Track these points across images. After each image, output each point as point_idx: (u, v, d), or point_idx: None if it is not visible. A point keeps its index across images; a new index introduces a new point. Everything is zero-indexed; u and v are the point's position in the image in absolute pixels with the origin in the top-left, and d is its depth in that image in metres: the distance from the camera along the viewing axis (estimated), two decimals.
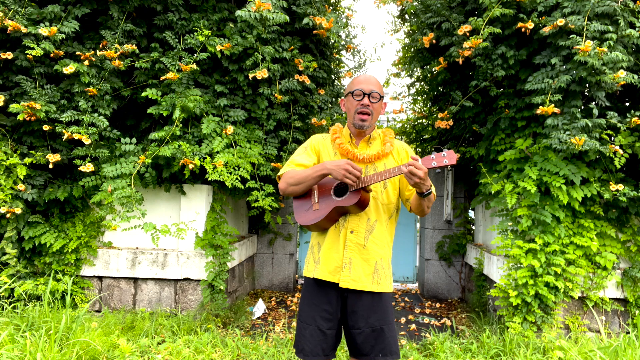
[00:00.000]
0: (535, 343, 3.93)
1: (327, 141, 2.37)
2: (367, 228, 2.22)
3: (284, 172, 2.28)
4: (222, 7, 4.63)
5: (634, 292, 4.22)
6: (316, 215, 2.19)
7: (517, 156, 4.38)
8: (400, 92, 7.20)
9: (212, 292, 4.52)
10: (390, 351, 2.20)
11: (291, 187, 2.23)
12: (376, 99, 2.23)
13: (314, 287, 2.28)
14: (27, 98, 4.10)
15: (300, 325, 2.28)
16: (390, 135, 2.35)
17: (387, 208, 2.28)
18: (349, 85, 2.32)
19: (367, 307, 2.21)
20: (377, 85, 2.26)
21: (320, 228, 2.25)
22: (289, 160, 2.35)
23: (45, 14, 4.12)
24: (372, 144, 2.32)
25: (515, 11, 4.17)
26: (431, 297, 6.33)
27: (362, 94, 2.22)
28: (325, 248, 2.24)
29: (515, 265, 4.24)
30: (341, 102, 2.39)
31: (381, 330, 2.20)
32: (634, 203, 4.14)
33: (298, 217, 2.26)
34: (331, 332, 2.24)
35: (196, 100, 4.27)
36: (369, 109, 2.22)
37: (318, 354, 2.21)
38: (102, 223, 4.68)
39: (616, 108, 4.20)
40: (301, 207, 2.27)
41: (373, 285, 2.22)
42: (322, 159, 2.32)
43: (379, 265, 2.25)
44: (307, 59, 4.70)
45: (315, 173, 2.16)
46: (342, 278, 2.19)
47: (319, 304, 2.24)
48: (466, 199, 6.31)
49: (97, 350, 3.47)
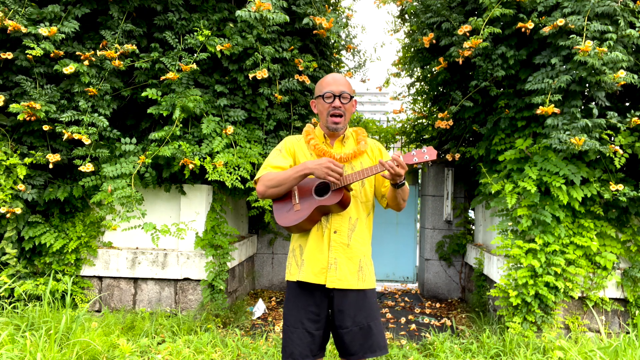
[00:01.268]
0: (535, 343, 3.93)
1: (301, 142, 2.37)
2: (349, 227, 2.24)
3: (261, 175, 2.26)
4: (222, 7, 4.63)
5: (634, 292, 4.22)
6: (298, 216, 2.17)
7: (517, 156, 4.38)
8: (400, 92, 7.20)
9: (212, 292, 4.52)
10: (379, 346, 2.21)
11: (271, 189, 2.20)
12: (347, 99, 2.24)
13: (298, 291, 2.27)
14: (27, 98, 4.10)
15: (287, 329, 2.26)
16: (363, 133, 2.38)
17: (366, 206, 2.31)
18: (318, 87, 2.31)
19: (353, 305, 2.22)
20: (347, 85, 2.26)
21: (301, 229, 2.24)
22: (264, 163, 2.33)
23: (45, 14, 4.12)
24: (346, 143, 2.34)
25: (515, 11, 4.17)
26: (431, 297, 6.33)
27: (332, 95, 2.22)
28: (309, 250, 2.24)
29: (515, 265, 4.24)
30: (312, 103, 2.37)
31: (369, 327, 2.21)
32: (634, 203, 4.14)
33: (279, 219, 2.23)
34: (318, 332, 2.24)
35: (196, 100, 4.27)
36: (341, 110, 2.23)
37: (307, 355, 2.21)
38: (102, 223, 4.68)
39: (616, 108, 4.19)
40: (281, 208, 2.24)
41: (359, 283, 2.24)
42: (298, 160, 2.32)
43: (363, 262, 2.27)
44: (307, 59, 4.70)
45: (296, 174, 2.15)
46: (328, 279, 2.19)
47: (305, 306, 2.24)
48: (466, 199, 6.31)
49: (97, 350, 3.47)
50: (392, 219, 7.09)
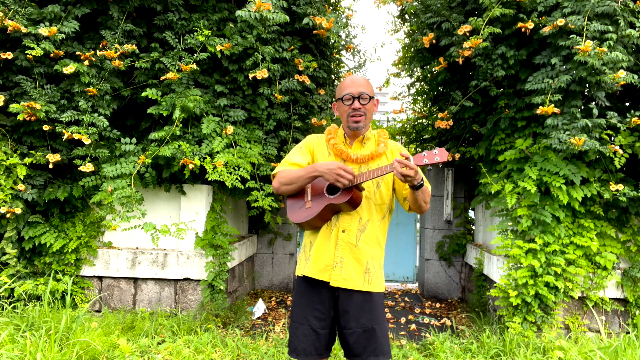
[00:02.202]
0: (535, 343, 3.93)
1: (322, 141, 2.38)
2: (358, 227, 2.23)
3: (278, 171, 2.31)
4: (222, 7, 4.63)
5: (634, 292, 4.22)
6: (308, 213, 2.20)
7: (517, 156, 4.38)
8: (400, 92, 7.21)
9: (212, 292, 4.52)
10: (382, 351, 2.20)
11: (284, 186, 2.26)
12: (366, 100, 2.23)
13: (305, 287, 2.29)
14: (27, 98, 4.10)
15: (292, 325, 2.29)
16: (384, 136, 2.36)
17: (380, 208, 2.28)
18: (338, 89, 2.32)
19: (359, 307, 2.21)
20: (366, 86, 2.25)
21: (312, 226, 2.26)
22: (284, 159, 2.38)
23: (45, 14, 4.12)
24: (365, 144, 2.33)
25: (515, 11, 4.17)
26: (431, 297, 6.33)
27: (351, 97, 2.22)
28: (317, 246, 2.25)
29: (515, 265, 4.24)
30: (333, 106, 2.41)
31: (372, 330, 2.20)
32: (634, 203, 4.14)
33: (291, 215, 2.28)
34: (324, 331, 2.24)
35: (196, 100, 4.27)
36: (361, 111, 2.23)
37: (311, 353, 2.21)
38: (102, 223, 4.68)
39: (616, 108, 4.19)
40: (294, 205, 2.29)
41: (364, 285, 2.23)
42: (317, 159, 2.34)
43: (371, 264, 2.26)
44: (307, 59, 4.70)
45: (307, 174, 2.18)
46: (333, 277, 2.20)
47: (311, 303, 2.25)
48: (466, 199, 6.31)
49: (97, 350, 3.47)
50: (392, 219, 7.08)
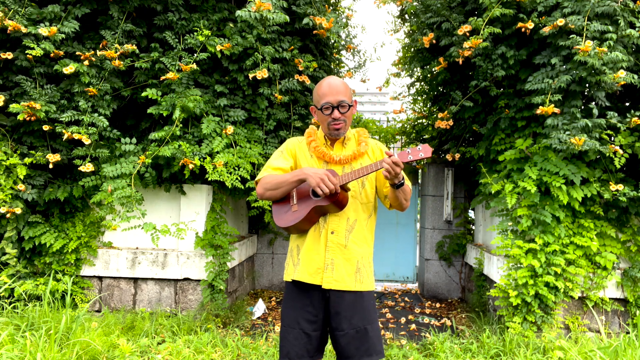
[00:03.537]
0: (535, 343, 3.93)
1: (302, 144, 2.35)
2: (347, 228, 2.22)
3: (262, 177, 2.26)
4: (222, 7, 4.63)
5: (634, 292, 4.22)
6: (295, 217, 2.18)
7: (517, 156, 4.38)
8: (400, 92, 7.20)
9: (212, 292, 4.52)
10: (375, 351, 2.20)
11: (269, 191, 2.21)
12: (345, 108, 2.19)
13: (295, 291, 2.27)
14: (27, 98, 4.11)
15: (284, 329, 2.26)
16: (364, 134, 2.35)
17: (366, 207, 2.28)
18: (315, 95, 2.25)
19: (350, 308, 2.20)
20: (344, 92, 2.19)
21: (299, 230, 2.25)
22: (266, 164, 2.33)
23: (45, 14, 4.12)
24: (347, 145, 2.32)
25: (515, 11, 4.17)
26: (431, 297, 6.33)
27: (330, 107, 2.17)
28: (306, 250, 2.23)
29: (515, 265, 4.24)
30: (311, 109, 2.33)
31: (365, 330, 2.19)
32: (634, 203, 4.14)
33: (277, 220, 2.25)
34: (315, 333, 2.23)
35: (196, 100, 4.27)
36: (341, 120, 2.20)
37: (304, 356, 2.20)
38: (102, 223, 4.68)
39: (616, 108, 4.19)
40: (280, 209, 2.26)
41: (356, 284, 2.22)
42: (299, 162, 2.32)
43: (361, 264, 2.25)
44: (307, 59, 4.70)
45: (293, 178, 2.15)
46: (324, 279, 2.19)
47: (302, 306, 2.23)
48: (466, 199, 6.31)
49: (97, 350, 3.47)
50: (392, 219, 7.10)
